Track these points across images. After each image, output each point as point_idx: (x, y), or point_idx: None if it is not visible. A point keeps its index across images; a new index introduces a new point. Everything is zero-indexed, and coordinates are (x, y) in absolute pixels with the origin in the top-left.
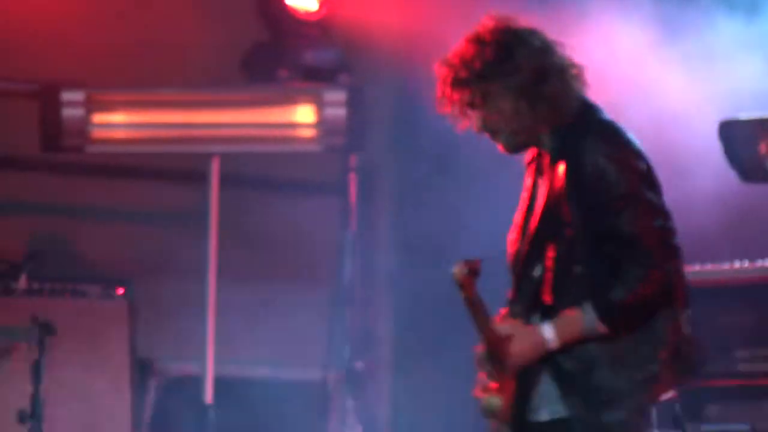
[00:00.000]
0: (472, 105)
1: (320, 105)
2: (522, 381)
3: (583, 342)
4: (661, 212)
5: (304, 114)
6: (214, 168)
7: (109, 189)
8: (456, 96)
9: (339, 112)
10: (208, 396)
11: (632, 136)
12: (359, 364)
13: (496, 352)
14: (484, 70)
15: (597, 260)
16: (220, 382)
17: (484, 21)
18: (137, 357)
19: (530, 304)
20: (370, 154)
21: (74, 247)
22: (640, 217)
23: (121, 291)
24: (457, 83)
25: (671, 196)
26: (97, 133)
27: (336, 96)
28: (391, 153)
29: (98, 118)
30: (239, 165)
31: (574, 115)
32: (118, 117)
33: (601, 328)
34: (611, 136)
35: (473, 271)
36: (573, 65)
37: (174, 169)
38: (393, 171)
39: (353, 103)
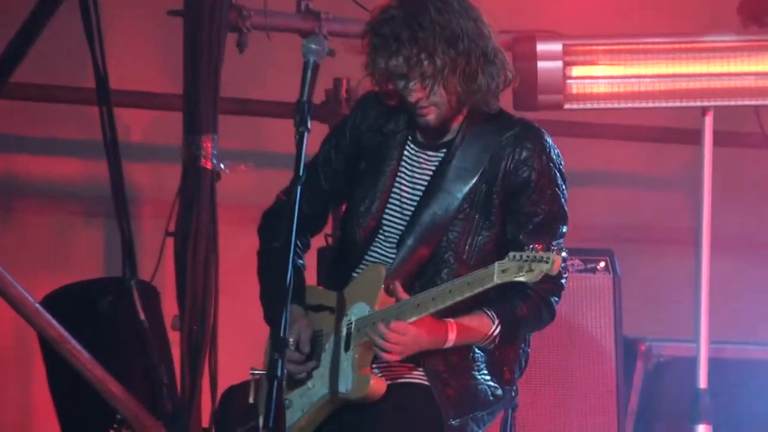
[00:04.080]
0: (423, 74)
1: None
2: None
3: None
4: None
5: None
6: (707, 124)
7: (582, 149)
8: (406, 57)
9: None
10: (702, 380)
11: None
12: None
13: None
14: (456, 39)
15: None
16: (715, 364)
17: None
18: (623, 336)
19: (409, 283)
20: None
21: None
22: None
23: (603, 263)
24: (418, 44)
25: None
26: (576, 89)
27: None
28: None
29: (577, 71)
30: (732, 120)
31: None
32: (597, 70)
33: (496, 340)
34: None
35: None
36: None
37: (657, 126)
38: None
39: None
